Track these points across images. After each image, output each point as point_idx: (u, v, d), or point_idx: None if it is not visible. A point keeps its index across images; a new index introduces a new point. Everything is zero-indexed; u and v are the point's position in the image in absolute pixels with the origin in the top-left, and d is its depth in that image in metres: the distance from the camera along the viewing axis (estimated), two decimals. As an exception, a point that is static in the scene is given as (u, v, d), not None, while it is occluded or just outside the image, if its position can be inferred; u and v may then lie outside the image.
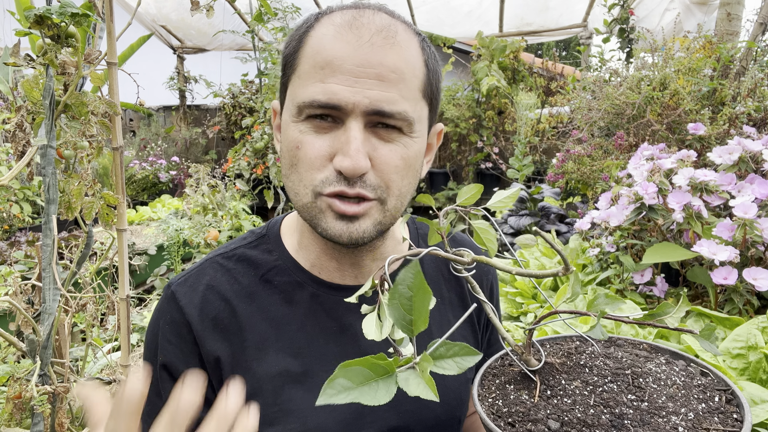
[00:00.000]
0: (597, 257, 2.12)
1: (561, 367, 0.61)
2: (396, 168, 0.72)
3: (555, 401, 0.56)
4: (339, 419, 0.77)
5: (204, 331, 0.79)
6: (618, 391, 0.56)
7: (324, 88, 0.68)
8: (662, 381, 0.58)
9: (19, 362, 1.21)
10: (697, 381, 0.59)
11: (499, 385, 0.61)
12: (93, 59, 1.06)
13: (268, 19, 5.31)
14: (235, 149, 5.88)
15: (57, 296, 1.08)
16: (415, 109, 0.73)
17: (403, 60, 0.70)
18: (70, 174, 1.11)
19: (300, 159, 0.72)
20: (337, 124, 0.71)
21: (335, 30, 0.70)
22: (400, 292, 0.45)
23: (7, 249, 3.61)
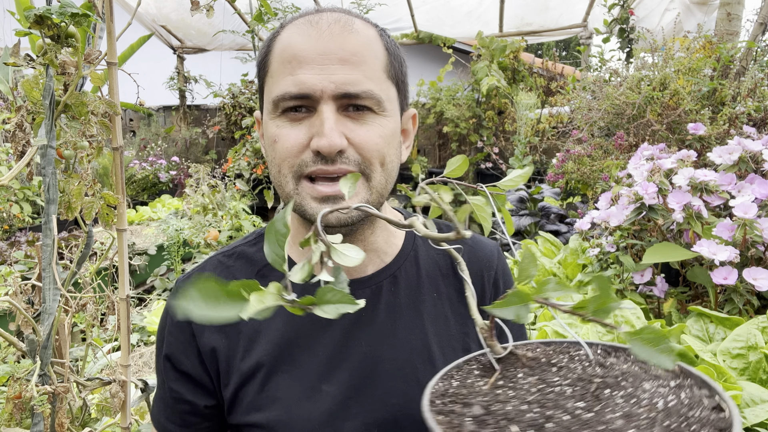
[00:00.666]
0: (597, 257, 2.12)
1: (528, 361, 0.60)
2: (376, 144, 0.75)
3: (498, 391, 0.55)
4: (323, 409, 0.79)
5: (201, 324, 0.80)
6: (569, 396, 0.52)
7: (293, 80, 0.73)
8: (637, 399, 0.51)
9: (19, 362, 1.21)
10: (696, 413, 0.49)
11: (470, 369, 0.62)
12: (93, 59, 1.06)
13: (268, 19, 5.31)
14: (235, 149, 5.88)
15: (57, 296, 1.08)
16: (381, 88, 0.76)
17: (361, 44, 0.75)
18: (70, 174, 1.11)
19: (278, 151, 0.76)
20: (310, 114, 0.75)
21: (297, 29, 0.76)
22: (277, 228, 0.48)
23: (7, 249, 3.61)
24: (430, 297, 0.88)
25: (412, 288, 0.88)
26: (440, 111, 6.62)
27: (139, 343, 3.65)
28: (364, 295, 0.84)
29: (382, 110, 0.76)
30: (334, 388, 0.80)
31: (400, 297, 0.88)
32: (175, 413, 0.87)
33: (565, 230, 3.26)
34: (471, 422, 0.50)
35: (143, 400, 1.33)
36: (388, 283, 0.87)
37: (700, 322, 1.51)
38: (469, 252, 0.92)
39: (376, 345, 0.83)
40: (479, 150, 6.64)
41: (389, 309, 0.86)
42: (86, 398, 1.31)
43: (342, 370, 0.81)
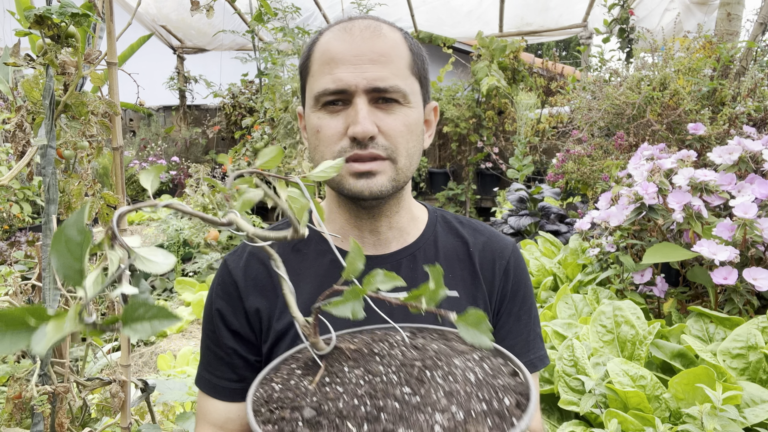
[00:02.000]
0: (597, 257, 2.12)
1: (352, 353, 0.61)
2: (401, 132, 0.88)
3: (327, 389, 0.55)
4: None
5: (246, 288, 0.96)
6: (396, 383, 0.54)
7: (332, 78, 0.86)
8: (453, 376, 0.55)
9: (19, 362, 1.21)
10: (500, 381, 0.56)
11: (292, 369, 0.61)
12: (93, 59, 1.06)
13: (268, 19, 5.31)
14: (235, 149, 5.88)
15: (57, 296, 1.08)
16: (406, 83, 0.89)
17: (389, 46, 0.89)
18: (70, 174, 1.11)
19: (320, 139, 0.89)
20: (346, 106, 0.88)
21: (333, 35, 0.90)
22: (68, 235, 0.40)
23: (7, 249, 3.61)
24: (445, 277, 0.97)
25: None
26: (440, 111, 6.61)
27: (139, 343, 3.65)
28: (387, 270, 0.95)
29: (407, 102, 0.89)
30: None
31: (418, 274, 0.97)
32: (231, 369, 0.98)
33: (565, 230, 3.26)
34: (304, 426, 0.50)
35: (143, 400, 1.33)
36: (407, 260, 0.98)
37: (700, 322, 1.51)
38: (484, 242, 1.03)
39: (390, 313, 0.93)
40: (479, 150, 6.64)
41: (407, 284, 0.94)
42: (86, 398, 1.31)
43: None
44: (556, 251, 2.80)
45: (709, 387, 1.13)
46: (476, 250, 1.03)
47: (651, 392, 1.27)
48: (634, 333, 1.48)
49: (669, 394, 1.24)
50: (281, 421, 0.51)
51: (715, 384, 1.15)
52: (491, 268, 1.01)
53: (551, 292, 2.34)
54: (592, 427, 1.32)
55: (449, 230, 1.06)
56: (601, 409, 1.30)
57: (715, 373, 1.19)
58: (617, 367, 1.31)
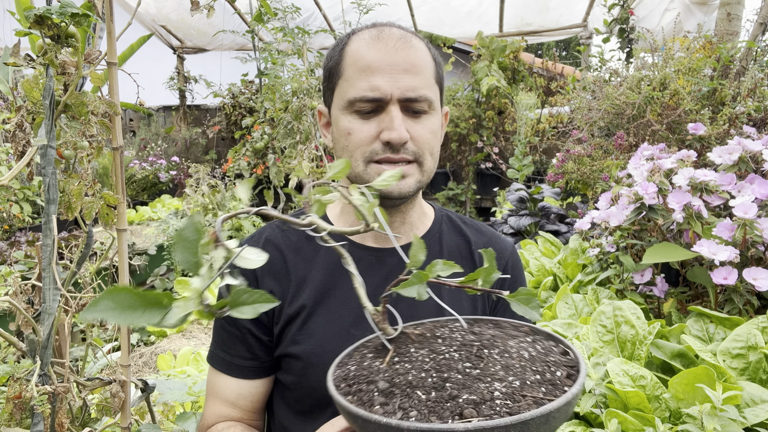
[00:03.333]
0: (597, 257, 2.12)
1: (416, 338, 0.67)
2: (427, 139, 0.96)
3: (397, 366, 0.61)
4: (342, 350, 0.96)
5: (263, 272, 1.02)
6: (457, 359, 0.60)
7: (369, 85, 0.92)
8: (509, 354, 0.61)
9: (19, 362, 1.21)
10: (551, 357, 0.61)
11: (363, 354, 0.68)
12: (93, 59, 1.06)
13: (268, 19, 5.31)
14: (235, 149, 5.88)
15: (57, 296, 1.08)
16: (432, 91, 0.96)
17: (419, 57, 0.95)
18: (70, 174, 1.11)
19: (351, 141, 0.95)
20: (378, 112, 0.94)
21: (367, 42, 0.95)
22: (186, 236, 0.50)
23: (7, 249, 3.61)
24: None
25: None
26: (440, 111, 6.61)
27: (139, 343, 3.65)
28: (392, 262, 1.03)
29: (432, 109, 0.96)
30: (361, 333, 0.96)
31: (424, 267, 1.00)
32: (246, 347, 1.03)
33: (565, 230, 3.26)
34: (380, 395, 0.57)
35: (143, 400, 1.33)
36: None
37: (700, 322, 1.51)
38: (486, 242, 1.10)
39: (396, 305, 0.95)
40: (479, 150, 6.64)
41: None
42: (86, 398, 1.31)
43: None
44: (556, 251, 2.80)
45: (709, 387, 1.13)
46: (478, 249, 1.08)
47: (651, 392, 1.27)
48: (634, 333, 1.48)
49: (669, 394, 1.24)
50: (359, 392, 0.58)
51: (715, 384, 1.15)
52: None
53: (551, 292, 2.34)
54: (592, 427, 1.32)
55: (453, 228, 1.12)
56: (601, 409, 1.30)
57: (715, 373, 1.19)
58: (617, 367, 1.31)
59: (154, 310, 0.46)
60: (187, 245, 0.50)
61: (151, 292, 0.46)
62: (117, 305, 0.44)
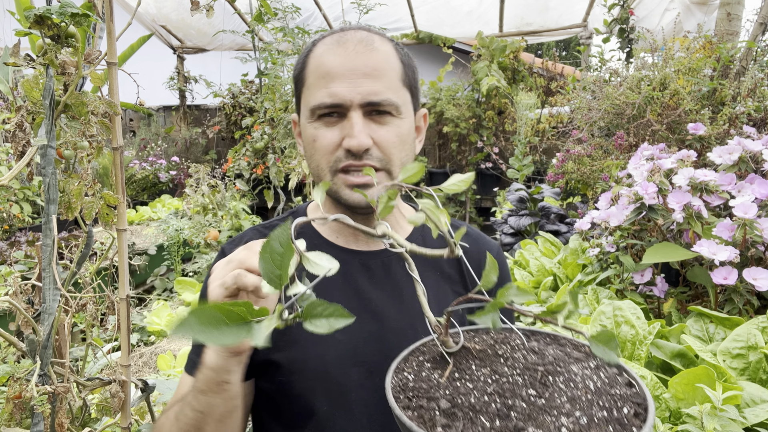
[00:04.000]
0: (597, 257, 2.12)
1: (478, 353, 0.65)
2: (394, 143, 0.93)
3: (458, 384, 0.59)
4: (335, 354, 0.93)
5: None
6: (522, 384, 0.58)
7: (328, 92, 0.90)
8: (574, 383, 0.59)
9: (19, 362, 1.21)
10: (617, 390, 0.59)
11: (421, 361, 0.66)
12: (93, 59, 1.06)
13: (268, 19, 5.31)
14: (235, 149, 5.88)
15: (57, 296, 1.08)
16: (398, 95, 0.93)
17: (381, 60, 0.92)
18: (70, 174, 1.11)
19: (317, 149, 0.93)
20: (341, 118, 0.91)
21: (328, 48, 0.93)
22: (273, 247, 0.49)
23: (7, 249, 3.61)
24: (433, 275, 1.03)
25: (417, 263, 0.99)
26: (440, 111, 6.61)
27: (139, 343, 3.65)
28: (375, 265, 1.01)
29: (399, 114, 0.93)
30: (346, 338, 0.93)
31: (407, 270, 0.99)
32: None
33: (565, 230, 3.26)
34: (441, 416, 0.54)
35: (143, 400, 1.33)
36: (398, 257, 1.02)
37: (700, 322, 1.51)
38: (473, 243, 1.09)
39: (385, 306, 0.97)
40: (479, 150, 6.64)
41: (397, 279, 1.01)
42: (86, 398, 1.31)
43: (354, 324, 0.89)
44: (556, 251, 2.80)
45: (709, 387, 1.13)
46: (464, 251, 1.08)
47: (651, 392, 1.27)
48: (634, 333, 1.48)
49: (669, 394, 1.24)
50: (420, 408, 0.56)
51: (715, 384, 1.15)
52: (477, 268, 1.06)
53: (551, 292, 2.34)
54: (592, 427, 1.32)
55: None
56: (601, 409, 1.30)
57: (715, 373, 1.19)
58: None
59: (240, 327, 0.44)
60: (273, 257, 0.49)
61: (236, 307, 0.44)
62: (203, 323, 0.42)
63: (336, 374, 0.93)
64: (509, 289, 0.58)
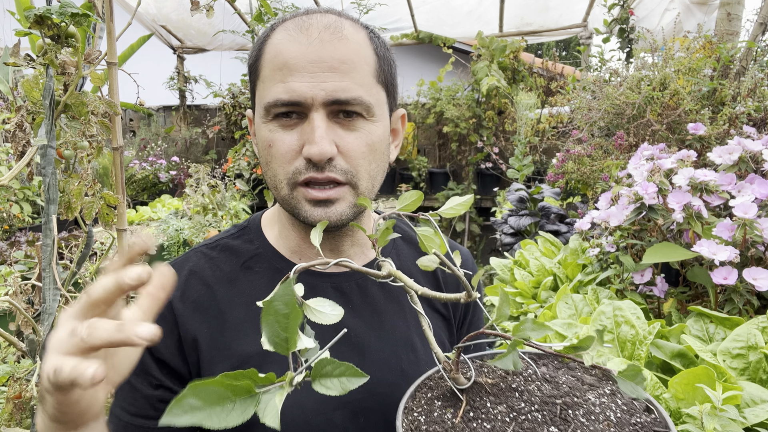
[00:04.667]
0: (597, 257, 2.12)
1: (491, 388, 0.61)
2: (362, 153, 0.78)
3: (474, 425, 0.55)
4: (315, 398, 0.83)
5: (185, 312, 0.83)
6: (541, 421, 0.55)
7: (285, 87, 0.75)
8: (594, 415, 0.56)
9: (19, 362, 1.21)
10: (637, 418, 0.56)
11: (430, 399, 0.61)
12: (93, 59, 1.06)
13: (268, 19, 5.31)
14: (235, 149, 5.88)
15: (57, 296, 1.08)
16: (370, 93, 0.78)
17: (351, 51, 0.76)
18: (70, 174, 1.11)
19: (273, 155, 0.79)
20: (302, 119, 0.77)
21: (288, 34, 0.77)
22: (276, 308, 0.43)
23: (7, 249, 3.61)
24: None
25: (393, 288, 0.92)
26: (440, 111, 6.61)
27: (139, 343, 3.64)
28: (350, 288, 0.88)
29: (371, 115, 0.79)
30: None
31: (385, 291, 0.91)
32: (148, 402, 0.81)
33: (565, 230, 3.26)
34: None
35: (143, 400, 1.33)
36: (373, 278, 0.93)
37: (700, 322, 1.51)
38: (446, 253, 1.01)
39: (364, 336, 0.86)
40: (479, 150, 6.64)
41: (374, 302, 0.90)
42: None
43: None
44: (556, 251, 2.80)
45: (709, 387, 1.13)
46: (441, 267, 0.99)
47: (651, 392, 1.27)
48: (634, 333, 1.48)
49: (669, 394, 1.24)
50: None
51: (715, 384, 1.15)
52: (454, 279, 0.97)
53: (551, 292, 2.34)
54: (592, 427, 1.32)
55: (409, 241, 0.99)
56: (601, 409, 1.30)
57: (715, 373, 1.19)
58: (617, 367, 1.31)
59: (246, 402, 0.39)
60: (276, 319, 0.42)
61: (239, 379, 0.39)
62: (204, 402, 0.37)
63: (318, 422, 0.80)
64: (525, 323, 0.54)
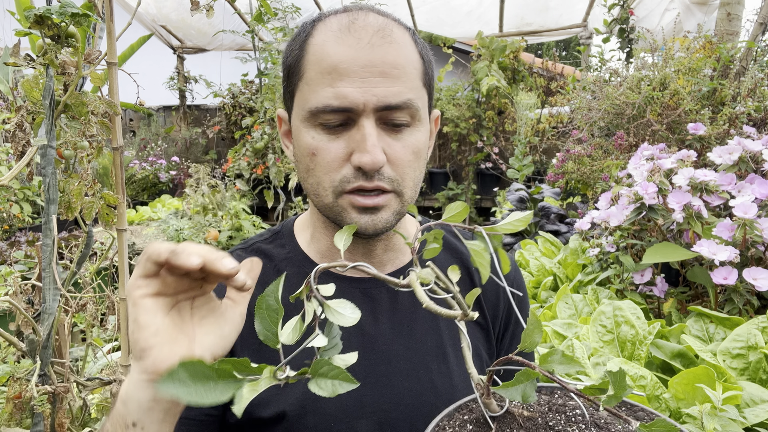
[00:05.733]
0: (597, 257, 2.12)
1: (524, 422, 0.57)
2: (409, 162, 0.77)
3: None
4: (338, 405, 0.79)
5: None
6: None
7: (335, 93, 0.72)
8: None
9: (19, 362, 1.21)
10: None
11: (463, 421, 0.59)
12: (93, 59, 1.06)
13: (268, 19, 5.31)
14: (235, 149, 5.88)
15: (57, 296, 1.08)
16: (418, 96, 0.77)
17: (402, 56, 0.75)
18: (70, 174, 1.11)
19: (317, 164, 0.76)
20: (348, 126, 0.75)
21: (334, 35, 0.74)
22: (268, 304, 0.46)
23: (7, 249, 3.61)
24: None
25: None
26: (440, 111, 6.61)
27: (139, 343, 3.64)
28: (379, 294, 0.86)
29: (417, 119, 0.77)
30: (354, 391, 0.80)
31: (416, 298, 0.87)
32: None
33: (565, 230, 3.26)
34: None
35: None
36: None
37: (700, 322, 1.51)
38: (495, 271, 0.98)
39: (392, 344, 0.84)
40: (479, 150, 6.64)
41: (405, 309, 0.88)
42: (86, 398, 1.31)
43: (357, 367, 0.80)
44: (556, 251, 2.80)
45: (709, 387, 1.13)
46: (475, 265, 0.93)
47: (651, 392, 1.27)
48: (634, 333, 1.48)
49: (669, 394, 1.24)
50: None
51: (715, 384, 1.15)
52: (495, 289, 0.92)
53: (551, 292, 2.34)
54: (592, 427, 1.32)
55: (444, 245, 0.94)
56: (601, 409, 1.30)
57: (715, 373, 1.19)
58: (617, 367, 1.31)
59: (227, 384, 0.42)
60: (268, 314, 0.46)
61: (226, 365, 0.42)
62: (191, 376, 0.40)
63: (339, 430, 0.79)
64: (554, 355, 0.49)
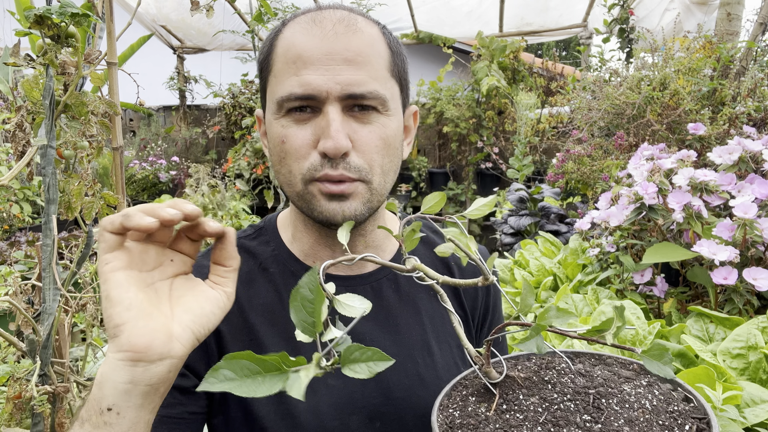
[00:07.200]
0: (597, 257, 2.12)
1: (523, 381, 0.61)
2: (377, 148, 0.77)
3: (507, 416, 0.56)
4: (331, 402, 0.81)
5: None
6: (574, 410, 0.55)
7: (299, 81, 0.74)
8: (629, 404, 0.56)
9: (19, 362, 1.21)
10: (674, 407, 0.56)
11: (464, 396, 0.62)
12: (93, 59, 1.06)
13: (268, 19, 5.30)
14: (235, 149, 5.88)
15: (57, 296, 1.08)
16: (385, 87, 0.78)
17: (366, 44, 0.76)
18: (70, 174, 1.11)
19: (286, 152, 0.77)
20: (315, 114, 0.76)
21: (301, 28, 0.76)
22: (303, 294, 0.47)
23: (7, 249, 3.61)
24: (426, 294, 0.91)
25: (410, 285, 0.91)
26: (440, 111, 6.61)
27: (139, 343, 3.64)
28: (364, 292, 0.87)
29: (386, 110, 0.78)
30: (340, 382, 0.81)
31: (400, 293, 0.90)
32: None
33: (565, 230, 3.26)
34: None
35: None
36: (388, 280, 0.90)
37: (700, 322, 1.51)
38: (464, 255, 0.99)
39: (380, 340, 0.86)
40: (479, 150, 6.64)
41: (389, 305, 0.89)
42: (86, 398, 1.31)
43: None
44: (556, 251, 2.80)
45: (709, 387, 1.13)
46: (456, 264, 0.96)
47: (651, 392, 1.27)
48: (634, 333, 1.48)
49: (669, 394, 1.24)
50: None
51: (715, 384, 1.15)
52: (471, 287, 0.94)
53: (551, 292, 2.34)
54: (592, 427, 1.32)
55: (426, 243, 0.96)
56: (601, 409, 1.30)
57: (715, 373, 1.19)
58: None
59: (275, 377, 0.43)
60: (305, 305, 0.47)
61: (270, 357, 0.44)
62: (237, 374, 0.42)
63: (333, 427, 0.80)
64: (549, 311, 0.55)
